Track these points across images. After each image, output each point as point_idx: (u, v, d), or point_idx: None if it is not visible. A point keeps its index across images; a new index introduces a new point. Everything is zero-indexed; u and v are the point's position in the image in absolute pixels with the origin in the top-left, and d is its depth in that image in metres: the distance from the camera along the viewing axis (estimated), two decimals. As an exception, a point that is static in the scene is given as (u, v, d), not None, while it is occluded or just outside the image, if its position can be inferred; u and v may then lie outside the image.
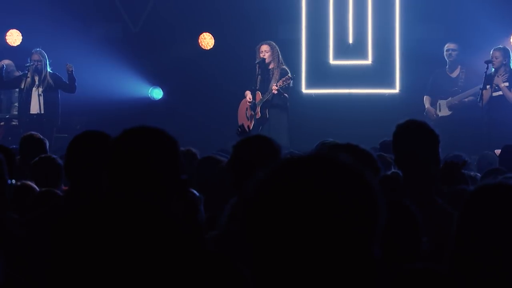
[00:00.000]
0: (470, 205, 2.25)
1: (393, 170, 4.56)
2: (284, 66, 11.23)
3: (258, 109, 11.19)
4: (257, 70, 11.20)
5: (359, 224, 1.43)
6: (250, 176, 1.49)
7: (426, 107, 11.54)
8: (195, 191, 3.59)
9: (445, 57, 11.53)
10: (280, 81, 11.13)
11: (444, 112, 11.42)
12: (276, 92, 11.02)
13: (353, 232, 1.43)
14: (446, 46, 11.55)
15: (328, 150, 3.50)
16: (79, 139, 3.43)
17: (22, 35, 12.67)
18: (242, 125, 7.57)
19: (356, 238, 1.43)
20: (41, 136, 6.61)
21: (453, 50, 11.50)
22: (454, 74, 11.53)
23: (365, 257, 1.44)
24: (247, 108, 11.42)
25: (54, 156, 5.37)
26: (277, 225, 1.42)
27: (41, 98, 11.41)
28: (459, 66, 11.51)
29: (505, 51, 10.94)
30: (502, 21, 11.72)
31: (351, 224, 1.42)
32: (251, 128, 10.98)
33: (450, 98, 11.36)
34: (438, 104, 11.47)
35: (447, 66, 11.56)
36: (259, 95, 11.19)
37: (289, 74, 11.14)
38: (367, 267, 1.44)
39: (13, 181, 3.61)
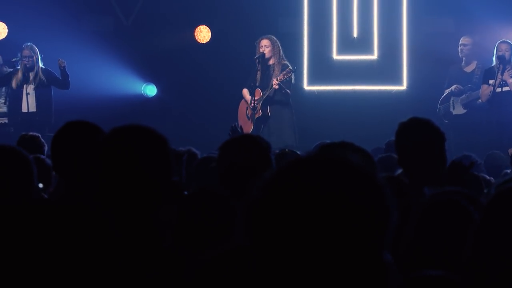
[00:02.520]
0: (493, 209, 2.20)
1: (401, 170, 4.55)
2: (286, 62, 11.24)
3: (259, 107, 11.17)
4: (257, 65, 11.21)
5: (368, 228, 1.46)
6: (237, 177, 1.52)
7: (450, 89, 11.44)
8: None
9: (459, 52, 11.54)
10: (281, 75, 11.13)
11: (459, 110, 11.37)
12: (277, 87, 11.02)
13: (363, 235, 1.46)
14: (460, 40, 11.56)
15: (322, 149, 3.52)
16: (65, 131, 3.42)
17: (8, 28, 12.66)
18: (235, 125, 7.54)
19: (365, 242, 1.46)
20: (42, 140, 6.59)
21: (464, 45, 11.49)
22: (469, 69, 11.50)
23: (375, 261, 1.47)
24: (247, 108, 11.39)
25: (43, 157, 5.36)
26: (284, 227, 1.44)
27: (33, 95, 11.41)
28: (475, 62, 11.48)
29: (510, 45, 10.95)
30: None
31: (361, 228, 1.46)
32: (251, 128, 10.99)
33: (464, 96, 11.34)
34: (452, 101, 11.45)
35: (462, 62, 11.56)
36: (259, 92, 11.17)
37: (290, 67, 11.15)
38: (376, 271, 1.47)
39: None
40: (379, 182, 1.50)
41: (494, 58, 10.92)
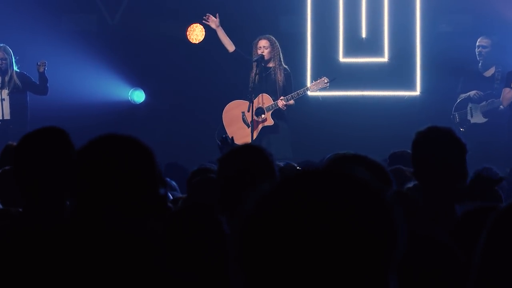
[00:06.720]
0: (499, 226, 2.17)
1: (408, 185, 4.52)
2: (286, 66, 11.24)
3: (269, 115, 11.14)
4: (254, 69, 11.19)
5: (372, 250, 1.45)
6: (239, 192, 1.52)
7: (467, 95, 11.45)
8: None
9: (476, 55, 11.53)
10: (314, 84, 11.16)
11: (478, 118, 11.37)
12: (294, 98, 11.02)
13: (366, 258, 1.45)
14: (477, 41, 11.56)
15: (332, 163, 3.50)
16: (26, 141, 3.35)
17: (-20, 28, 12.69)
18: (226, 136, 7.57)
19: (369, 265, 1.45)
20: None
21: (483, 47, 11.49)
22: (488, 74, 11.52)
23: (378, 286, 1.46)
24: (243, 113, 11.35)
25: None
26: (279, 247, 1.43)
27: (6, 101, 11.42)
28: (494, 65, 11.50)
29: None
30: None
31: (363, 249, 1.44)
32: (255, 137, 10.96)
33: (484, 103, 11.33)
34: (469, 108, 11.44)
35: (479, 64, 11.56)
36: (267, 98, 11.11)
37: (326, 78, 11.17)
38: None
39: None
40: (386, 200, 1.49)
41: None
